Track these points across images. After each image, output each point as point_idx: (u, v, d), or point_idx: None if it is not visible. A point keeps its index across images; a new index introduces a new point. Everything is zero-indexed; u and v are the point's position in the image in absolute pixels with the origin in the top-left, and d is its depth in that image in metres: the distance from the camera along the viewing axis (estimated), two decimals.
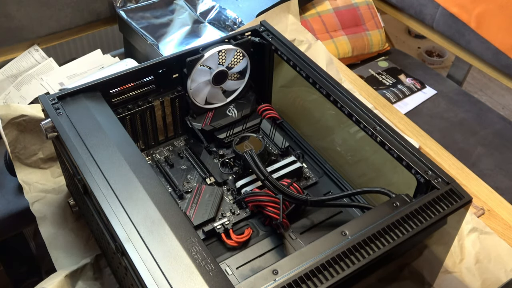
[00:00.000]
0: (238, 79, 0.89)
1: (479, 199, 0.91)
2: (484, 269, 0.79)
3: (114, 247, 0.56)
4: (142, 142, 0.85)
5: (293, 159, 0.82)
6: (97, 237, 0.77)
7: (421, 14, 1.49)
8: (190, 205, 0.75)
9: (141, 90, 0.80)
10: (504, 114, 1.62)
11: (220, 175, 0.81)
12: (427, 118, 1.36)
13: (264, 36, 0.85)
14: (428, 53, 2.16)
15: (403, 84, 1.46)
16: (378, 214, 0.59)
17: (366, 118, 0.71)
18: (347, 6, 1.47)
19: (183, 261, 0.52)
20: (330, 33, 1.43)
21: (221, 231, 0.72)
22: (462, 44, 1.40)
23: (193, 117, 0.87)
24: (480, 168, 1.22)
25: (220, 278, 0.51)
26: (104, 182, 0.60)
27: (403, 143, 0.68)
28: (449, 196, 0.61)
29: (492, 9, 1.27)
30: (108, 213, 0.57)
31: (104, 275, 0.76)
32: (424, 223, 0.58)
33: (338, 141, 0.83)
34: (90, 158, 0.62)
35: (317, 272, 0.52)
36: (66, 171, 0.78)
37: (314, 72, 0.79)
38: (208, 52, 0.80)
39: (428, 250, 0.67)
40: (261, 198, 0.72)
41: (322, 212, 0.77)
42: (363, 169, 0.79)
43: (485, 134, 1.32)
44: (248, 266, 0.70)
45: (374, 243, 0.56)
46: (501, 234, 0.85)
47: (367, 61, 1.54)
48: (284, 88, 0.91)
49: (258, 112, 0.91)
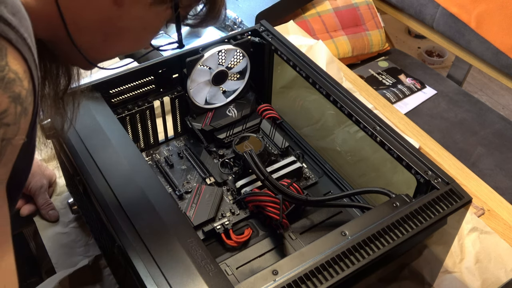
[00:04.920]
0: (238, 79, 0.89)
1: (479, 199, 0.91)
2: (484, 269, 0.79)
3: (114, 248, 0.56)
4: (142, 142, 0.85)
5: (293, 159, 0.82)
6: (97, 237, 0.77)
7: (421, 14, 1.48)
8: (190, 205, 0.75)
9: (141, 90, 0.80)
10: (504, 114, 1.62)
11: (220, 175, 0.81)
12: (427, 118, 1.36)
13: (264, 36, 0.85)
14: (428, 53, 2.16)
15: (403, 84, 1.46)
16: (378, 214, 0.59)
17: (366, 118, 0.71)
18: (347, 6, 1.47)
19: (183, 262, 0.52)
20: (330, 33, 1.43)
21: (221, 231, 0.72)
22: (462, 44, 1.40)
23: (193, 117, 0.87)
24: (480, 168, 1.22)
25: (220, 279, 0.51)
26: (103, 183, 0.60)
27: (403, 143, 0.68)
28: (449, 196, 0.61)
29: (492, 9, 1.27)
30: (107, 213, 0.56)
31: (104, 275, 0.76)
32: (424, 223, 0.58)
33: (338, 141, 0.83)
34: (90, 159, 0.62)
35: (317, 272, 0.52)
36: (66, 171, 0.78)
37: (314, 72, 0.78)
38: (208, 52, 0.80)
39: (428, 250, 0.67)
40: (261, 198, 0.72)
41: (322, 212, 0.77)
42: (363, 169, 0.79)
43: (485, 134, 1.32)
44: (248, 266, 0.70)
45: (374, 243, 0.56)
46: (501, 234, 0.85)
47: (367, 61, 1.54)
48: (284, 88, 0.91)
49: (258, 112, 0.91)
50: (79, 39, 0.47)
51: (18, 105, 0.35)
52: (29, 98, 0.36)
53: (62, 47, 0.48)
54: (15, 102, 0.34)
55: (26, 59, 0.36)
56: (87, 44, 0.48)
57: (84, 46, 0.48)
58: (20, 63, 0.35)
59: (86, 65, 0.52)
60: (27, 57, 0.36)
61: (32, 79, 0.36)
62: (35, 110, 0.38)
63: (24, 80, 0.35)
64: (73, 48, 0.47)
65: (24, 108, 0.35)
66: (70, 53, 0.49)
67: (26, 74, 0.35)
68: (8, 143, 0.35)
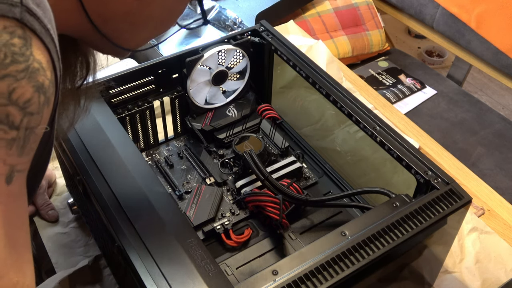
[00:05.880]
0: (238, 79, 0.89)
1: (479, 199, 0.91)
2: (484, 269, 0.79)
3: (114, 248, 0.56)
4: (142, 142, 0.84)
5: (293, 159, 0.82)
6: (97, 237, 0.77)
7: (421, 14, 1.48)
8: (190, 205, 0.75)
9: (141, 90, 0.80)
10: (504, 114, 1.62)
11: (220, 175, 0.81)
12: (427, 118, 1.36)
13: (264, 36, 0.85)
14: (428, 53, 2.16)
15: (403, 84, 1.46)
16: (378, 214, 0.59)
17: (366, 118, 0.71)
18: (347, 6, 1.47)
19: (182, 262, 0.52)
20: (330, 33, 1.43)
21: (221, 232, 0.72)
22: (462, 44, 1.40)
23: (193, 117, 0.87)
24: (480, 168, 1.22)
25: (219, 279, 0.51)
26: (103, 183, 0.60)
27: (403, 143, 0.68)
28: (449, 196, 0.61)
29: (492, 9, 1.27)
30: (107, 213, 0.56)
31: (104, 275, 0.76)
32: (424, 223, 0.58)
33: (338, 141, 0.83)
34: (90, 159, 0.62)
35: (317, 272, 0.52)
36: (66, 171, 0.78)
37: (313, 72, 0.78)
38: (208, 52, 0.80)
39: (428, 250, 0.67)
40: (261, 198, 0.72)
41: (322, 212, 0.77)
42: (363, 169, 0.79)
43: (485, 134, 1.32)
44: (247, 267, 0.70)
45: (374, 243, 0.56)
46: (501, 234, 0.85)
47: (367, 61, 1.54)
48: (284, 88, 0.91)
49: (258, 112, 0.91)
50: (105, 29, 0.47)
51: (41, 95, 0.35)
52: (52, 89, 0.37)
53: (91, 39, 0.49)
54: (38, 92, 0.35)
55: (49, 50, 0.36)
56: (114, 34, 0.49)
57: (111, 35, 0.48)
58: (44, 53, 0.35)
59: (119, 52, 0.53)
60: (50, 48, 0.36)
61: (54, 70, 0.37)
62: (56, 102, 0.39)
63: (47, 70, 0.36)
64: (102, 39, 0.48)
65: (47, 98, 0.36)
66: (99, 43, 0.50)
67: (49, 64, 0.36)
68: (31, 132, 0.35)
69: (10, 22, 0.33)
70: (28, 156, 0.36)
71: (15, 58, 0.33)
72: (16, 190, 0.35)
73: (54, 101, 0.38)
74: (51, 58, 0.36)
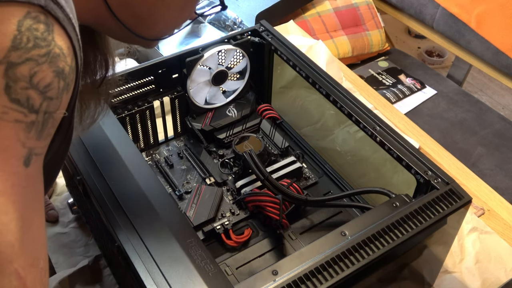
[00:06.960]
0: (238, 79, 0.89)
1: (479, 199, 0.91)
2: (484, 269, 0.79)
3: (114, 248, 0.56)
4: (142, 142, 0.84)
5: (293, 159, 0.82)
6: (97, 237, 0.77)
7: (421, 14, 1.48)
8: (190, 205, 0.75)
9: (141, 90, 0.80)
10: (504, 114, 1.62)
11: (220, 175, 0.81)
12: (427, 118, 1.36)
13: (264, 36, 0.85)
14: (428, 53, 2.16)
15: (403, 84, 1.46)
16: (378, 214, 0.59)
17: (366, 118, 0.71)
18: (347, 6, 1.47)
19: (182, 262, 0.52)
20: (330, 33, 1.43)
21: (221, 232, 0.72)
22: (462, 44, 1.40)
23: (193, 117, 0.87)
24: (480, 168, 1.22)
25: (219, 279, 0.51)
26: (103, 183, 0.60)
27: (403, 143, 0.68)
28: (449, 196, 0.61)
29: (492, 9, 1.27)
30: (107, 214, 0.56)
31: (104, 275, 0.76)
32: (424, 223, 0.58)
33: (338, 141, 0.83)
34: (89, 159, 0.62)
35: (317, 272, 0.52)
36: (66, 171, 0.78)
37: (313, 72, 0.78)
38: (208, 52, 0.80)
39: (428, 250, 0.67)
40: (261, 198, 0.72)
41: (322, 212, 0.77)
42: (363, 169, 0.79)
43: (485, 134, 1.32)
44: (247, 267, 0.70)
45: (374, 243, 0.56)
46: (501, 234, 0.85)
47: (367, 61, 1.54)
48: (284, 88, 0.91)
49: (258, 112, 0.91)
50: (123, 16, 0.48)
51: (61, 80, 0.36)
52: (71, 75, 0.37)
53: (109, 26, 0.49)
54: (58, 77, 0.35)
55: (71, 37, 0.37)
56: (132, 20, 0.49)
57: (129, 23, 0.49)
58: (65, 40, 0.36)
59: (140, 42, 0.53)
60: (72, 36, 0.37)
61: (75, 57, 0.37)
62: (76, 90, 0.39)
63: (68, 56, 0.36)
64: (120, 26, 0.48)
65: (66, 84, 0.36)
66: (118, 31, 0.50)
67: (69, 51, 0.36)
68: (50, 116, 0.36)
69: (34, 8, 0.33)
70: (45, 140, 0.37)
71: (37, 42, 0.33)
72: (33, 173, 0.36)
73: (74, 88, 0.38)
74: (72, 45, 0.37)
